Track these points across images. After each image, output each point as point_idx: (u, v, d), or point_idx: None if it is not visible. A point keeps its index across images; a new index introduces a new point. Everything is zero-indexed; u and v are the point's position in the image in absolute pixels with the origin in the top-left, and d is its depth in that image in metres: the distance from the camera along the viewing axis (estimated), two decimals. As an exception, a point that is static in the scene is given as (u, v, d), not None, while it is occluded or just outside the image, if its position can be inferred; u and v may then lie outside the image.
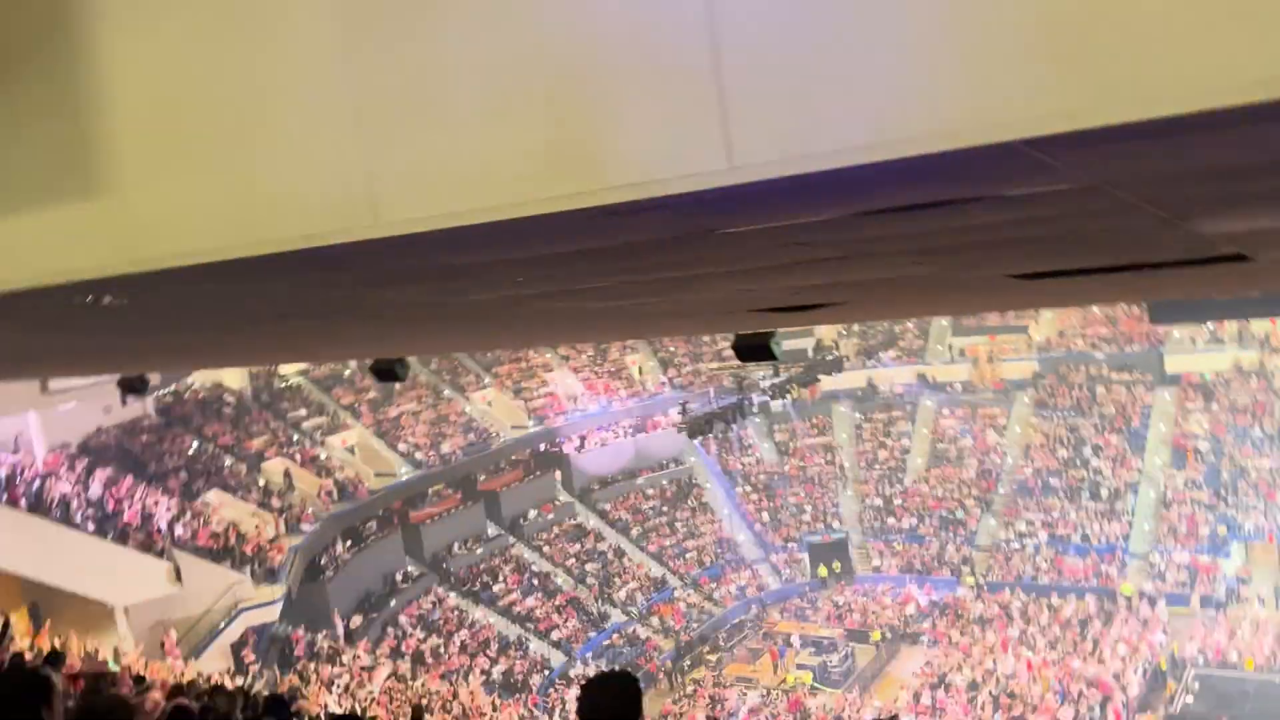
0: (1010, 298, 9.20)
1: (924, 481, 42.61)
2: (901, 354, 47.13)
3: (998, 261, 4.88)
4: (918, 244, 4.07)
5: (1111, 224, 3.61)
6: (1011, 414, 43.76)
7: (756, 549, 41.50)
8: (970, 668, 31.00)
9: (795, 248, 3.82)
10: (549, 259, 3.96)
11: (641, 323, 9.71)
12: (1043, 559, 36.96)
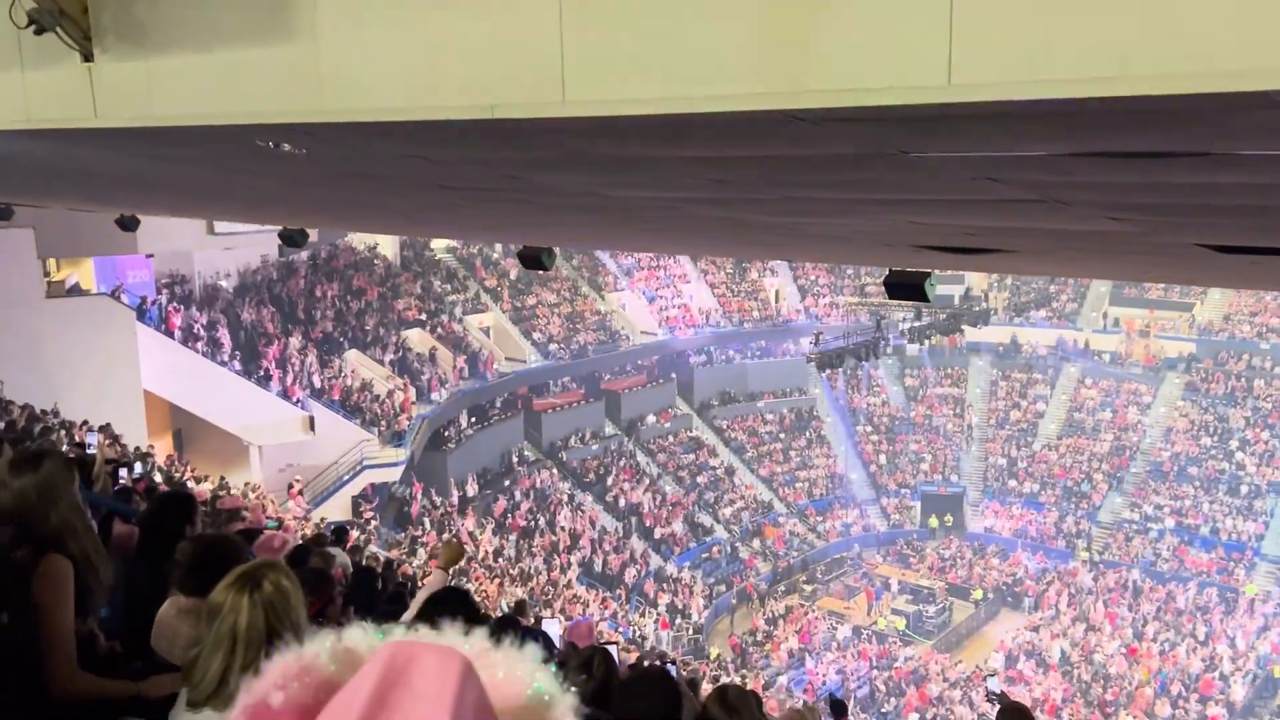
0: (1190, 270, 8.68)
1: (1054, 449, 41.26)
2: (1053, 315, 45.27)
3: (1196, 228, 4.58)
4: (1118, 197, 3.84)
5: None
6: (1158, 393, 41.73)
7: (868, 490, 41.11)
8: (1069, 642, 30.33)
9: (989, 183, 3.64)
10: (732, 162, 3.87)
11: (798, 244, 9.55)
12: (1165, 546, 35.57)
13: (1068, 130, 2.47)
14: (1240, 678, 28.22)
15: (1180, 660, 29.02)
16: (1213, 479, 37.65)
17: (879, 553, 38.23)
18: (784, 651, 29.75)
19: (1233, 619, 31.59)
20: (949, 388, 44.95)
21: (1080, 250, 6.43)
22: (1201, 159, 2.83)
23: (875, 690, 28.11)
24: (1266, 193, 3.39)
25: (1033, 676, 28.43)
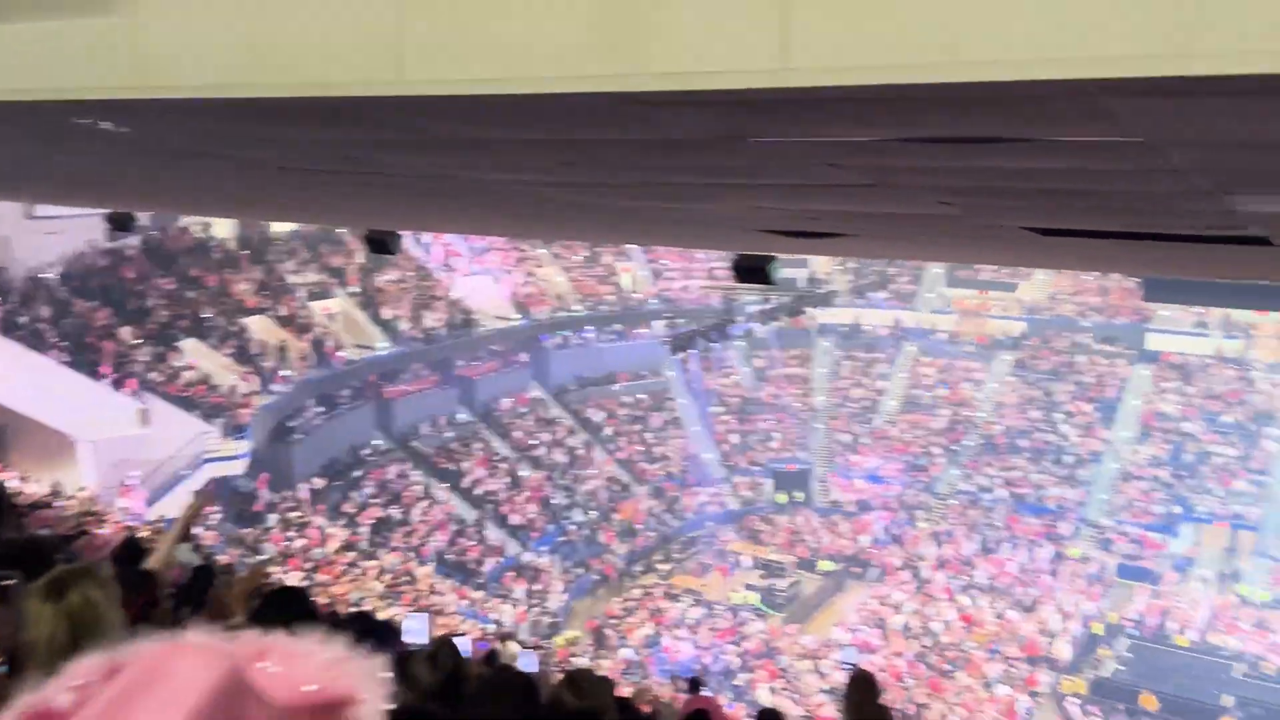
0: (1015, 252, 9.13)
1: (894, 425, 43.01)
2: (892, 297, 47.15)
3: (1022, 212, 4.80)
4: (949, 181, 3.98)
5: (1152, 187, 3.53)
6: (990, 370, 44.04)
7: (721, 468, 41.93)
8: (910, 612, 31.71)
9: (829, 168, 3.72)
10: (575, 145, 3.84)
11: (650, 228, 9.60)
12: (998, 514, 37.59)
13: (900, 115, 2.53)
14: (1066, 638, 30.10)
15: (1011, 624, 30.71)
16: (1040, 449, 39.97)
17: (733, 529, 39.06)
18: (641, 632, 30.08)
19: (1059, 581, 33.64)
20: (796, 368, 46.29)
21: (914, 233, 6.67)
22: (1025, 145, 2.95)
23: (729, 666, 28.72)
24: (1085, 177, 3.57)
25: (878, 645, 29.60)
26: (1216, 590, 33.28)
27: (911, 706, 26.23)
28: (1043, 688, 28.01)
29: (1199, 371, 40.69)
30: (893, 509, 38.93)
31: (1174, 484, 37.16)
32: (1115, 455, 39.14)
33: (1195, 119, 2.46)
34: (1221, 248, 5.59)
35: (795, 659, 28.54)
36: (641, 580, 34.39)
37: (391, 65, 2.91)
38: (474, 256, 42.02)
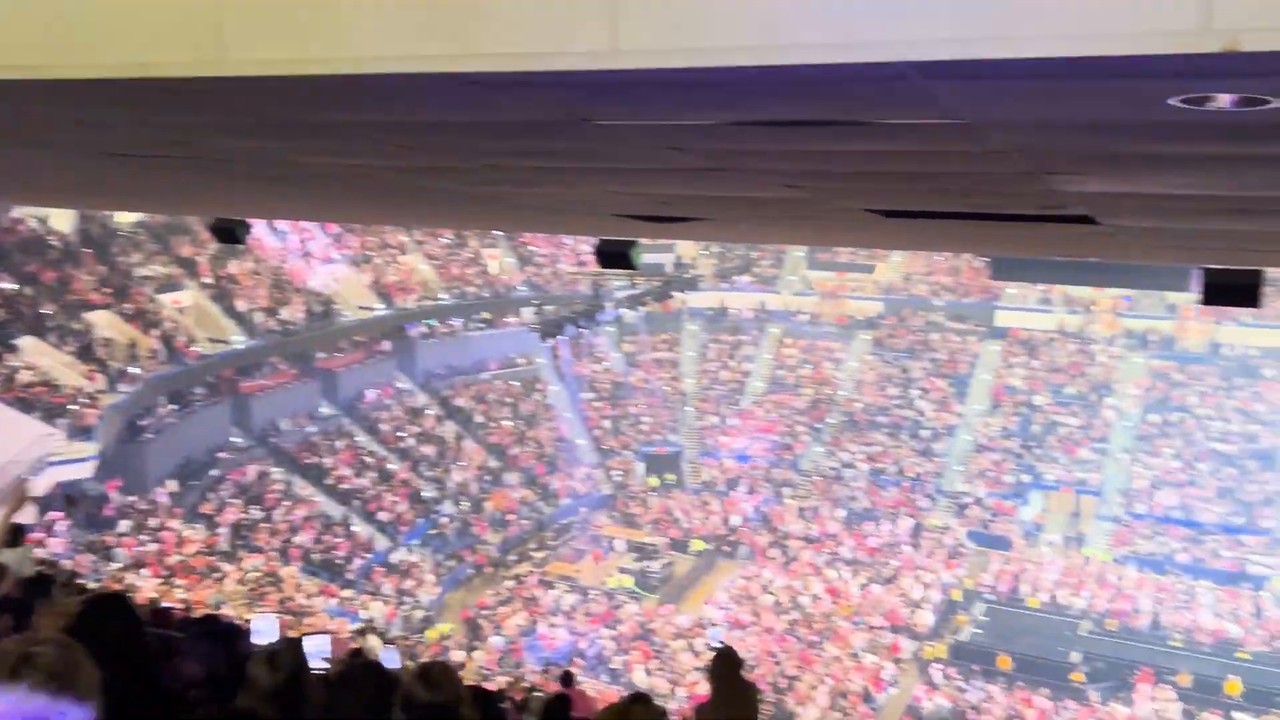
0: (865, 234, 9.40)
1: (760, 405, 43.91)
2: (756, 280, 48.09)
3: (862, 194, 4.93)
4: (790, 165, 4.05)
5: (977, 169, 3.66)
6: (850, 350, 45.39)
7: (593, 453, 42.06)
8: (779, 588, 32.48)
9: (671, 152, 3.73)
10: (413, 129, 3.75)
11: (506, 214, 9.50)
12: (860, 490, 38.82)
13: (730, 98, 2.55)
14: (927, 606, 31.33)
15: (874, 595, 31.80)
16: (898, 425, 41.44)
17: (606, 514, 39.26)
18: (515, 621, 29.95)
19: (919, 552, 34.99)
20: (664, 352, 46.79)
21: (767, 216, 6.79)
22: (856, 128, 3.02)
23: (605, 650, 28.88)
24: (916, 160, 3.68)
25: (749, 621, 30.23)
26: (1063, 553, 35.19)
27: (783, 680, 26.89)
28: (906, 655, 29.11)
29: (1044, 346, 42.85)
30: (761, 488, 39.76)
31: (1023, 454, 39.08)
32: (969, 428, 40.90)
33: (1011, 101, 2.55)
34: (1051, 226, 5.85)
35: (670, 639, 28.89)
36: (515, 569, 34.22)
37: (212, 44, 2.78)
38: (333, 244, 40.86)
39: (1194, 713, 25.68)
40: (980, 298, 44.69)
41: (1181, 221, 5.00)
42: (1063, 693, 26.77)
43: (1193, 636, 29.35)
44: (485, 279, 44.64)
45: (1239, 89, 2.18)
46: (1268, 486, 35.76)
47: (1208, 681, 26.83)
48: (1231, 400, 39.04)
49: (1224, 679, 26.69)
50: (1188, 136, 2.72)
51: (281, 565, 28.26)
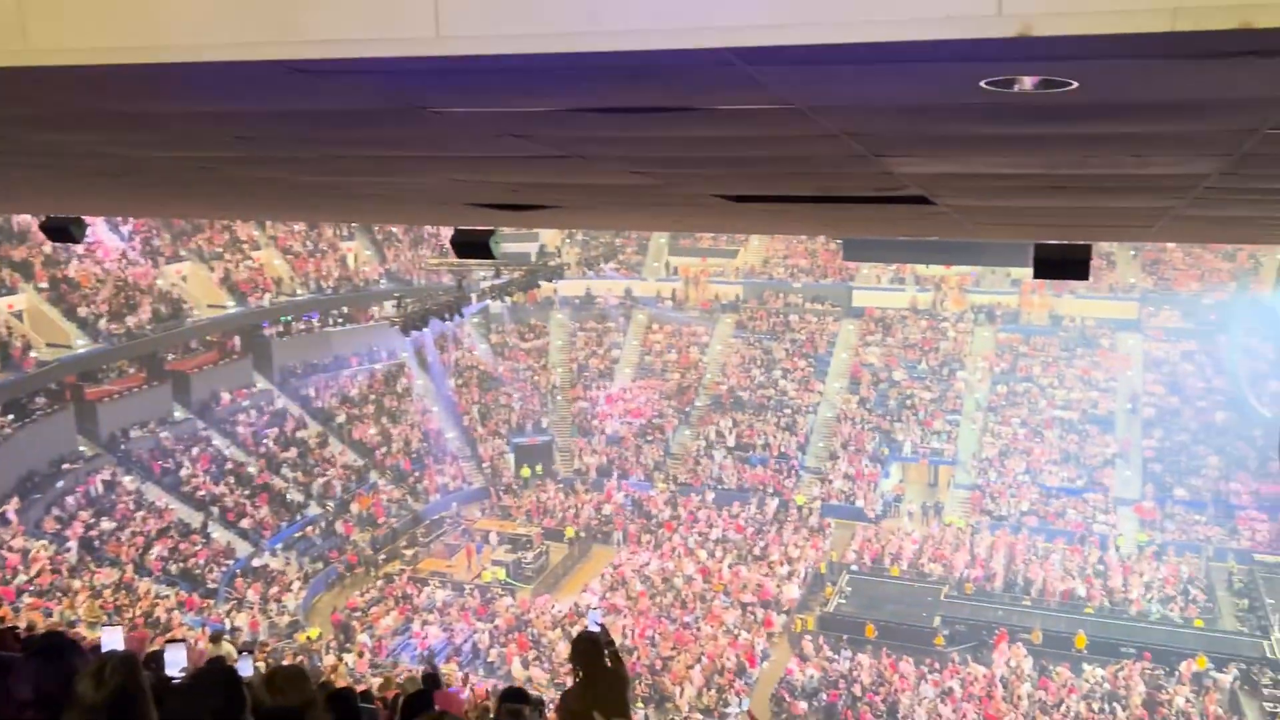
0: (719, 219, 9.54)
1: (628, 390, 44.20)
2: (620, 267, 48.34)
3: (707, 180, 5.00)
4: (635, 152, 4.08)
5: (813, 152, 3.76)
6: (714, 333, 46.12)
7: (463, 446, 41.59)
8: (652, 571, 32.82)
9: (511, 139, 3.71)
10: (244, 118, 3.62)
11: (354, 205, 9.27)
12: (729, 468, 39.53)
13: (561, 84, 2.55)
14: (795, 580, 32.15)
15: (744, 572, 32.45)
16: (763, 404, 42.32)
17: (478, 507, 38.91)
18: (388, 621, 29.42)
19: (786, 527, 35.86)
20: (532, 341, 46.62)
21: (621, 203, 6.82)
22: (690, 114, 3.05)
23: (481, 644, 28.65)
24: (754, 144, 3.75)
25: (624, 605, 30.45)
26: (922, 522, 36.63)
27: (659, 661, 27.21)
28: (777, 628, 29.84)
29: (897, 323, 44.42)
30: (632, 472, 40.04)
31: (882, 427, 40.44)
32: (830, 405, 42.09)
33: (835, 86, 2.62)
34: (892, 207, 6.06)
35: (546, 629, 28.86)
36: (386, 568, 33.60)
37: (17, 32, 2.63)
38: (179, 241, 39.12)
39: (1046, 667, 27.08)
40: (836, 279, 46.07)
41: (1008, 199, 5.25)
42: (926, 656, 27.88)
43: (1043, 595, 30.97)
44: (343, 273, 43.53)
45: (1040, 72, 2.30)
46: (1108, 449, 37.98)
47: (1058, 637, 28.38)
48: (1072, 369, 41.27)
49: (1073, 634, 28.26)
50: (1001, 118, 2.85)
51: (137, 578, 27.05)
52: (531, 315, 47.15)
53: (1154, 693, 25.56)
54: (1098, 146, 3.32)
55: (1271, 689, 26.03)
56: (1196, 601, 30.43)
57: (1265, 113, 2.70)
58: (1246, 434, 36.97)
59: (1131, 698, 25.27)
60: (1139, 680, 26.01)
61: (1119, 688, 25.89)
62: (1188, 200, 4.75)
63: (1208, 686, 26.03)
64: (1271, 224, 7.47)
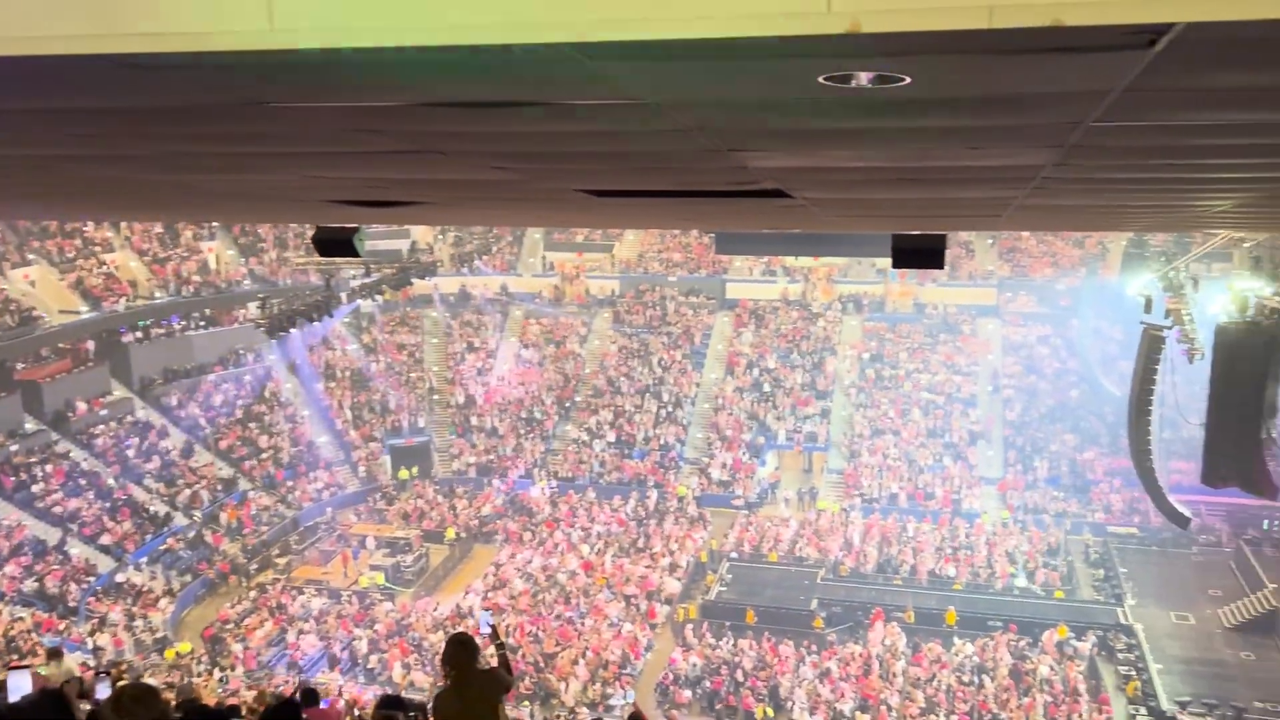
0: (587, 214, 9.56)
1: (507, 385, 43.89)
2: (495, 262, 47.93)
3: (568, 175, 5.00)
4: (492, 147, 4.05)
5: (668, 148, 3.79)
6: (592, 327, 46.20)
7: (337, 450, 40.60)
8: (536, 567, 32.72)
9: (363, 135, 3.64)
10: (76, 115, 3.45)
11: (208, 204, 8.94)
12: (610, 461, 39.67)
13: (400, 79, 2.51)
14: (677, 570, 32.48)
15: (626, 564, 32.64)
16: (642, 395, 42.59)
17: (353, 512, 38.06)
18: (263, 632, 28.56)
19: (667, 518, 36.19)
20: (406, 339, 45.85)
21: (485, 198, 6.76)
22: (543, 109, 3.05)
23: (360, 650, 28.07)
24: (610, 139, 3.77)
25: (507, 604, 30.27)
26: (799, 507, 37.47)
27: (544, 659, 27.14)
28: (660, 619, 30.11)
29: (770, 314, 45.31)
30: (513, 470, 39.79)
31: (758, 416, 41.20)
32: (707, 396, 42.66)
33: (680, 81, 2.65)
34: (752, 201, 6.17)
35: (427, 632, 28.46)
36: (259, 578, 32.57)
37: None
38: (25, 243, 37.06)
39: (919, 644, 28.06)
40: (710, 271, 46.73)
41: (860, 192, 5.41)
42: (805, 638, 28.54)
43: (914, 574, 32.07)
44: (205, 275, 41.96)
45: (874, 68, 2.37)
46: (973, 427, 39.56)
47: (929, 614, 29.44)
48: (936, 354, 42.81)
49: (943, 610, 29.36)
50: (842, 113, 2.93)
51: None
52: (405, 313, 46.36)
53: (1019, 663, 26.78)
54: (937, 140, 3.45)
55: (1126, 653, 27.56)
56: (1058, 571, 31.99)
57: (1087, 106, 2.84)
58: (1098, 411, 39.05)
59: (999, 669, 26.41)
60: (1005, 652, 27.20)
61: (987, 660, 27.01)
62: (1027, 191, 4.99)
63: (1069, 655, 27.40)
64: (1109, 212, 7.89)
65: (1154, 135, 3.38)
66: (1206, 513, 33.64)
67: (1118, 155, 3.86)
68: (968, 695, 25.33)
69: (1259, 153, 4.02)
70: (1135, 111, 2.94)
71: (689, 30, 2.05)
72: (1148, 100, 2.73)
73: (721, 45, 2.13)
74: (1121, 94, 2.61)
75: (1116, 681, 26.60)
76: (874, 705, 24.83)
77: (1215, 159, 4.16)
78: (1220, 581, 31.22)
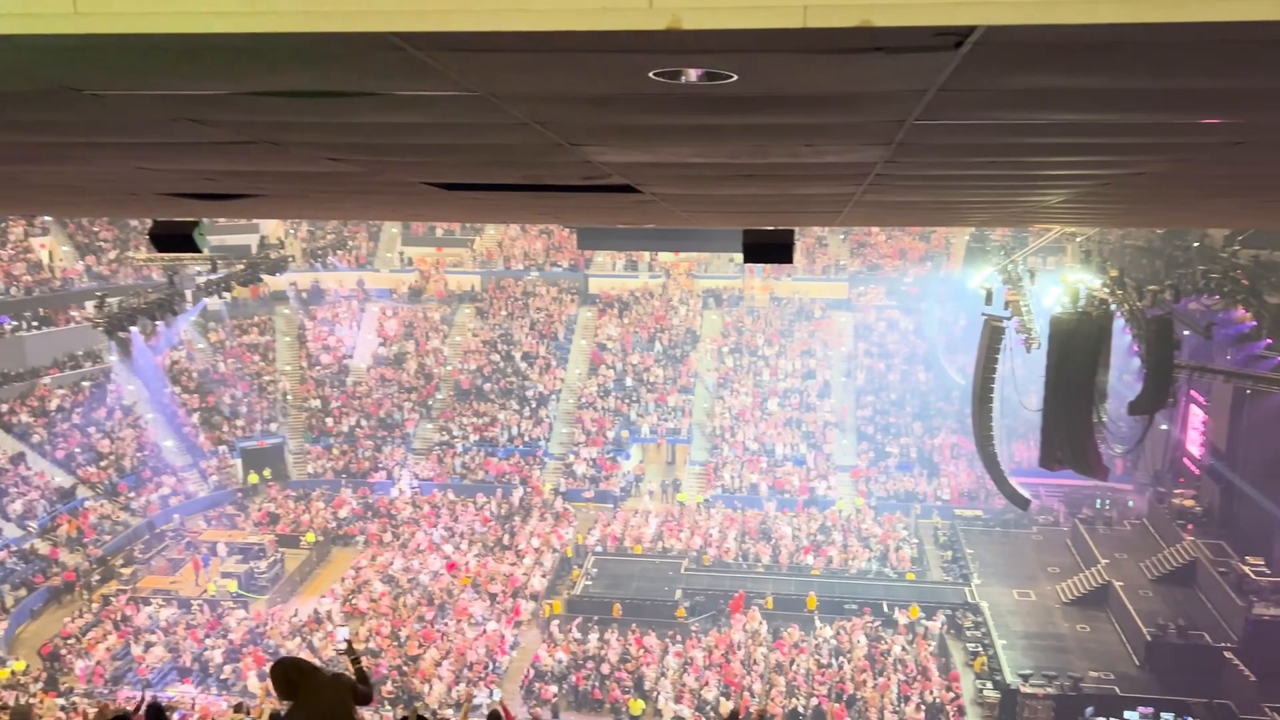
0: (440, 208, 9.40)
1: (365, 384, 42.89)
2: (351, 257, 46.68)
3: (410, 168, 4.91)
4: (326, 139, 3.94)
5: (510, 141, 3.76)
6: (453, 322, 45.59)
7: (184, 455, 38.86)
8: (397, 569, 32.11)
9: (187, 124, 3.49)
10: None
11: (31, 196, 8.42)
12: (473, 459, 39.25)
13: (216, 66, 2.42)
14: (542, 567, 32.38)
15: (491, 564, 32.36)
16: (506, 392, 42.27)
17: (203, 518, 36.56)
18: (105, 645, 27.17)
19: (532, 515, 36.04)
20: (257, 337, 44.25)
21: (326, 190, 6.58)
22: (374, 99, 2.98)
23: (212, 661, 27.01)
24: (452, 132, 3.71)
25: (368, 607, 29.62)
26: (662, 499, 37.87)
27: (407, 663, 26.67)
28: (526, 616, 29.97)
29: (631, 307, 45.59)
30: (373, 471, 38.95)
31: (622, 409, 41.43)
32: (571, 390, 42.64)
33: (512, 74, 2.64)
34: (604, 196, 6.19)
35: (284, 640, 27.60)
36: (102, 589, 30.93)
37: None
38: None
39: (779, 629, 28.73)
40: (573, 265, 46.72)
41: (707, 188, 5.49)
42: (670, 629, 28.88)
43: (776, 562, 32.83)
44: (36, 272, 39.57)
45: (700, 64, 2.40)
46: (828, 416, 40.74)
47: (790, 600, 30.18)
48: (792, 345, 43.90)
49: (803, 596, 30.15)
50: (676, 109, 2.97)
51: None
52: (255, 311, 44.74)
53: (874, 644, 27.74)
54: (772, 137, 3.53)
55: (973, 631, 28.86)
56: (909, 554, 33.25)
57: (908, 105, 2.95)
58: (945, 398, 40.76)
59: (855, 651, 27.29)
60: (861, 634, 28.12)
61: (844, 643, 27.88)
62: (864, 187, 5.15)
63: (920, 634, 28.53)
64: (944, 207, 8.24)
65: (974, 134, 3.54)
66: (1045, 494, 35.53)
67: (943, 153, 4.02)
68: (827, 677, 26.10)
69: (1074, 151, 4.25)
70: (953, 111, 3.07)
71: (509, 23, 2.04)
72: (963, 100, 2.85)
73: (544, 39, 2.12)
74: (937, 94, 2.72)
75: (965, 658, 27.83)
76: (736, 691, 25.31)
77: (1034, 156, 4.38)
78: (1058, 559, 33.03)
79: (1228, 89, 2.70)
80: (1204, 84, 2.63)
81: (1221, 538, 29.32)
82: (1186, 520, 31.10)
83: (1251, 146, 3.61)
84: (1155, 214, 11.43)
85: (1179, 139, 3.65)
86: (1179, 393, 29.05)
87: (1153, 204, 7.84)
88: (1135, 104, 2.95)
